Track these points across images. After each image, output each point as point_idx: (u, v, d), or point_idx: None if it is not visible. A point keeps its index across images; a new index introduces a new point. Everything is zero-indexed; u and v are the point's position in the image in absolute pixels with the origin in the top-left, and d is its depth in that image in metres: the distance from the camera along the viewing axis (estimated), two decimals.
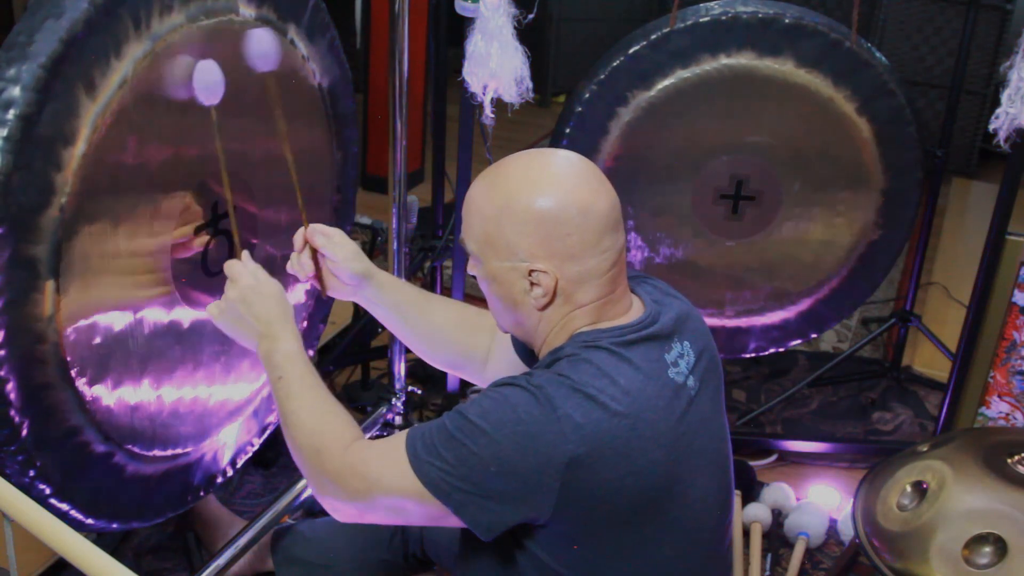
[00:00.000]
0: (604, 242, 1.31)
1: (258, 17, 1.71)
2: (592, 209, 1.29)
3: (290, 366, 1.42)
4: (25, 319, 1.39)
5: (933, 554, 1.66)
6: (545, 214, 1.28)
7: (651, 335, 1.33)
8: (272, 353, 1.44)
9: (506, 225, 1.30)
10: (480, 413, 1.25)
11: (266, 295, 1.47)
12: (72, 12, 1.36)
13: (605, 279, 1.33)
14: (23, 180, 1.33)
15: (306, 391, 1.40)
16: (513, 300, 1.35)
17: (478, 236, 1.35)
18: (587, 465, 1.23)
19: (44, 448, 1.46)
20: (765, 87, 2.37)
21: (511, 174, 1.34)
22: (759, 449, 2.68)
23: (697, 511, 1.36)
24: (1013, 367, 2.41)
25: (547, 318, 1.35)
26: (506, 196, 1.31)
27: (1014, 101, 2.04)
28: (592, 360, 1.28)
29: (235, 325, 1.49)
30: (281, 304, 1.48)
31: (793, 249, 2.55)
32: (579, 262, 1.30)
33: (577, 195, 1.29)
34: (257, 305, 1.46)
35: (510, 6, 2.04)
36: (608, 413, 1.24)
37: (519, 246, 1.30)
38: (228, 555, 1.97)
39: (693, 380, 1.36)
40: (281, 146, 1.65)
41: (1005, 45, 4.42)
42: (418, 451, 1.26)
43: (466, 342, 1.65)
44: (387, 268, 2.40)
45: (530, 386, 1.25)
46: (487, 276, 1.36)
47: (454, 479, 1.24)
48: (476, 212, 1.35)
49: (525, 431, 1.22)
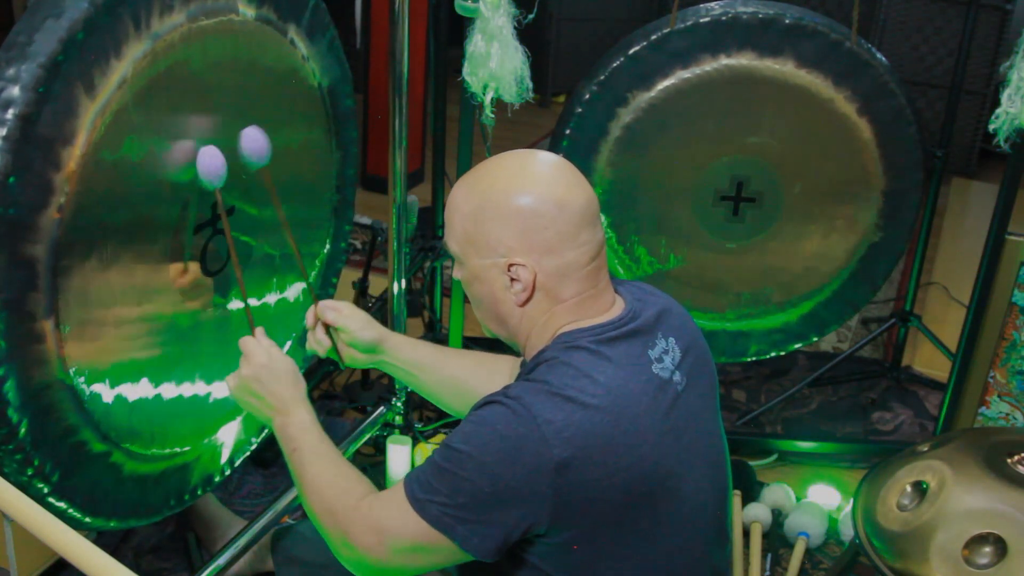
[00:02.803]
0: (582, 235, 1.33)
1: (258, 17, 1.71)
2: (568, 203, 1.32)
3: (304, 437, 1.45)
4: (24, 318, 1.39)
5: (933, 554, 1.66)
6: (522, 208, 1.31)
7: (632, 331, 1.34)
8: (287, 427, 1.47)
9: (485, 222, 1.33)
10: (463, 439, 1.28)
11: (280, 372, 1.50)
12: (72, 12, 1.36)
13: (584, 273, 1.34)
14: (22, 180, 1.33)
15: (319, 459, 1.43)
16: (494, 298, 1.37)
17: (459, 236, 1.37)
18: (576, 467, 1.24)
19: (42, 447, 1.46)
20: (765, 88, 2.37)
21: (488, 173, 1.37)
22: (759, 449, 2.68)
23: (692, 507, 1.36)
24: (1013, 367, 2.41)
25: (528, 315, 1.36)
26: (484, 193, 1.34)
27: (1014, 101, 2.05)
28: (571, 362, 1.29)
29: (250, 401, 1.52)
30: (295, 381, 1.51)
31: (793, 251, 2.55)
32: (557, 255, 1.32)
33: (553, 190, 1.32)
34: (271, 383, 1.49)
35: (510, 6, 2.04)
36: (589, 412, 1.25)
37: (498, 241, 1.33)
38: (228, 555, 1.97)
39: (679, 376, 1.37)
40: (284, 231, 1.71)
41: (1005, 45, 4.42)
42: (416, 492, 1.29)
43: (484, 388, 1.67)
44: (387, 268, 2.40)
45: (507, 399, 1.27)
46: (469, 277, 1.39)
47: (454, 510, 1.26)
48: (456, 211, 1.37)
49: (509, 446, 1.24)
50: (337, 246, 2.15)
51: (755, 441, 2.69)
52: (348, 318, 1.63)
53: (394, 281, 2.39)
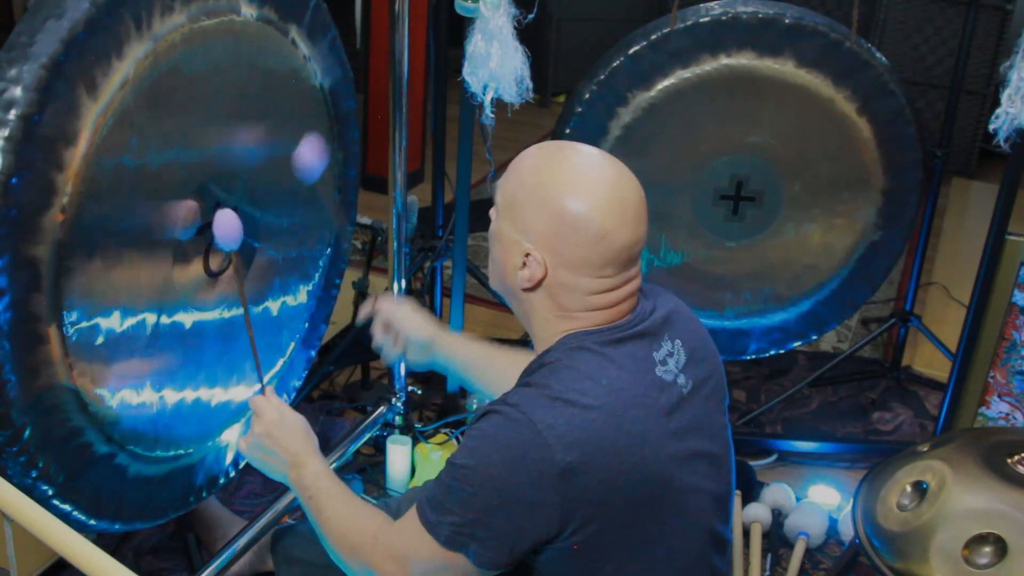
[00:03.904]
0: (606, 269, 1.31)
1: (259, 17, 1.71)
2: (609, 236, 1.29)
3: (319, 484, 1.47)
4: (27, 320, 1.39)
5: (933, 554, 1.66)
6: (566, 215, 1.29)
7: (638, 333, 1.34)
8: (302, 478, 1.49)
9: (532, 202, 1.32)
10: (467, 454, 1.28)
11: (291, 428, 1.53)
12: (73, 12, 1.36)
13: (593, 299, 1.33)
14: (24, 180, 1.33)
15: (334, 501, 1.45)
16: (505, 267, 1.37)
17: (508, 193, 1.36)
18: (580, 471, 1.23)
19: (46, 449, 1.46)
20: (765, 87, 2.37)
21: (567, 159, 1.34)
22: (759, 449, 2.68)
23: (695, 510, 1.36)
24: (1013, 367, 2.41)
25: (531, 301, 1.36)
26: (549, 175, 1.32)
27: (1014, 101, 2.04)
28: (574, 364, 1.29)
29: (263, 458, 1.54)
30: (306, 435, 1.53)
31: (793, 250, 2.55)
32: (573, 273, 1.32)
33: (604, 217, 1.29)
34: (283, 439, 1.51)
35: (510, 6, 2.05)
36: (591, 414, 1.25)
37: (531, 226, 1.32)
38: (228, 555, 1.97)
39: (684, 378, 1.36)
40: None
41: (1005, 45, 4.42)
42: (428, 515, 1.30)
43: None
44: (387, 268, 2.40)
45: (505, 408, 1.27)
46: (496, 232, 1.39)
47: (466, 527, 1.26)
48: (519, 172, 1.36)
49: (512, 455, 1.24)
50: (339, 247, 2.15)
51: (755, 441, 2.69)
52: (405, 320, 1.70)
53: (394, 281, 2.39)
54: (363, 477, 2.47)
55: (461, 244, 2.49)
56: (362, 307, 1.69)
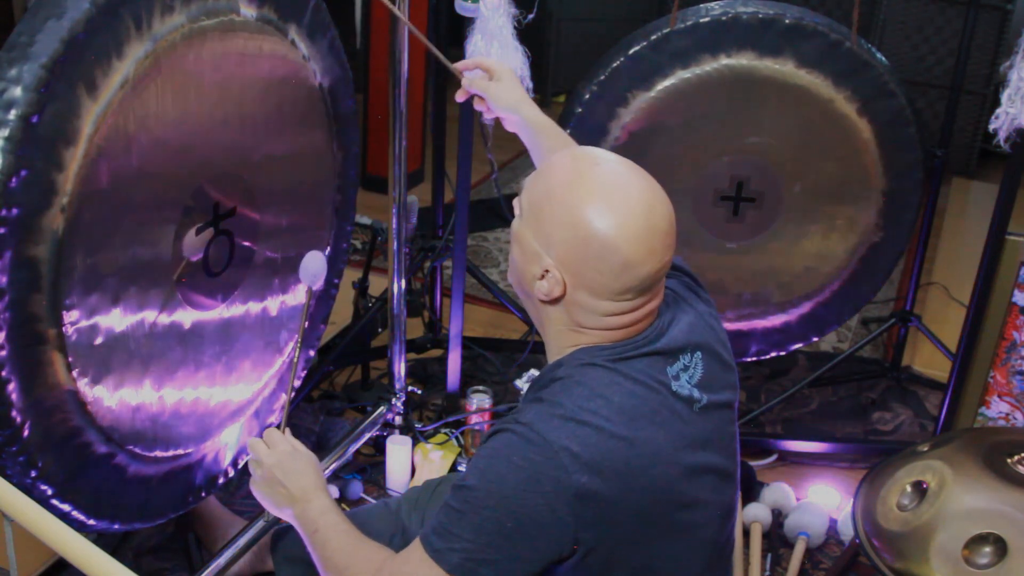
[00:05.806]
0: (625, 295, 1.28)
1: (259, 17, 1.71)
2: (633, 266, 1.26)
3: (324, 519, 1.46)
4: (27, 320, 1.39)
5: (933, 554, 1.66)
6: (592, 242, 1.25)
7: (653, 351, 1.32)
8: (307, 512, 1.48)
9: (558, 216, 1.28)
10: (478, 475, 1.25)
11: (302, 462, 1.53)
12: (73, 12, 1.36)
13: (610, 320, 1.31)
14: (24, 180, 1.33)
15: (338, 535, 1.44)
16: (522, 272, 1.34)
17: (535, 201, 1.32)
18: (594, 492, 1.22)
19: (46, 449, 1.46)
20: (765, 88, 2.37)
21: (600, 174, 1.29)
22: (759, 449, 2.68)
23: (703, 523, 1.36)
24: (1013, 367, 2.41)
25: (546, 311, 1.34)
26: (578, 198, 1.27)
27: (1014, 101, 2.05)
28: (585, 381, 1.27)
29: (272, 492, 1.53)
30: (316, 471, 1.53)
31: (794, 251, 2.55)
32: (592, 296, 1.29)
33: (631, 246, 1.25)
34: (293, 473, 1.51)
35: (510, 6, 2.04)
36: (604, 435, 1.23)
37: (554, 244, 1.28)
38: (228, 555, 1.97)
39: (699, 392, 1.35)
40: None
41: (1005, 45, 4.42)
42: (434, 544, 1.26)
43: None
44: (387, 268, 2.40)
45: (518, 427, 1.25)
46: (517, 233, 1.34)
47: (477, 553, 1.23)
48: (550, 182, 1.31)
49: (527, 476, 1.22)
50: (339, 247, 2.15)
51: (755, 441, 2.69)
52: (496, 81, 1.76)
53: (394, 281, 2.39)
54: (363, 477, 2.46)
55: (461, 244, 2.49)
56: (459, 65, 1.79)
